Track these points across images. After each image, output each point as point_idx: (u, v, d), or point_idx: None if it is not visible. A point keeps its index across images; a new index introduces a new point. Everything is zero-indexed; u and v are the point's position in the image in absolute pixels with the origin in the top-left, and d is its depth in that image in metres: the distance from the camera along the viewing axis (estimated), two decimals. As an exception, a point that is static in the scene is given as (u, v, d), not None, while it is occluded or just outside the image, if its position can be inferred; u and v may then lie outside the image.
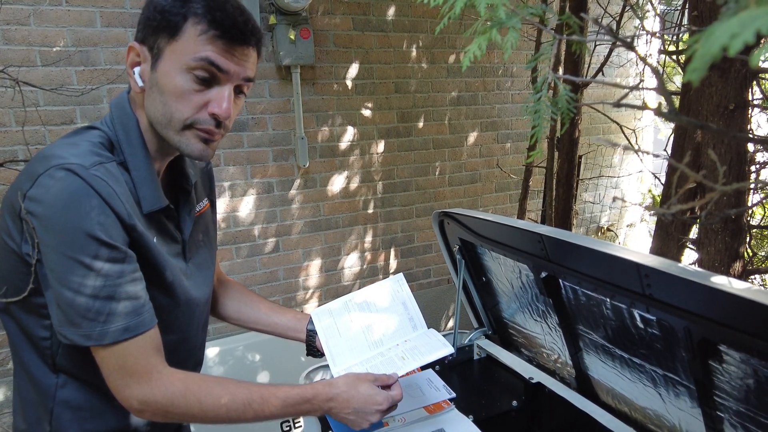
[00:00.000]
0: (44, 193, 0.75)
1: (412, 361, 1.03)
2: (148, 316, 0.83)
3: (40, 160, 0.79)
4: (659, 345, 0.97)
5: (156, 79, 0.82)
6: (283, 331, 1.18)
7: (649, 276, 0.87)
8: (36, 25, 2.17)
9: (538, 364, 1.50)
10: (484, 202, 3.42)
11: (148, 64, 0.83)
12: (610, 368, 1.20)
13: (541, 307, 1.34)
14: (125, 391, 0.81)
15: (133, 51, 0.84)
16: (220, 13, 0.79)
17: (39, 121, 2.21)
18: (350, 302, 1.15)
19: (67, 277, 0.76)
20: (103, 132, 0.86)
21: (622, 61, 3.56)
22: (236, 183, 2.66)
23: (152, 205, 0.87)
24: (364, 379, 0.95)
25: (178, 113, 0.82)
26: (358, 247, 3.04)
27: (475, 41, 0.43)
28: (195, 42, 0.79)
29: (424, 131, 3.11)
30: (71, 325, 0.78)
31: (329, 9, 2.71)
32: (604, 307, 1.08)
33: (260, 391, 0.88)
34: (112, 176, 0.80)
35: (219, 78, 0.82)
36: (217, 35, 0.79)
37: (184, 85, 0.81)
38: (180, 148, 0.85)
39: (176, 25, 0.79)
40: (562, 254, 1.10)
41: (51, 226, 0.75)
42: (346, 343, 1.10)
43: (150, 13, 0.82)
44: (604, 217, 3.90)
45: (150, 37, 0.82)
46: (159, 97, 0.83)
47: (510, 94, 3.35)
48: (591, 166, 3.65)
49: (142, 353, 0.81)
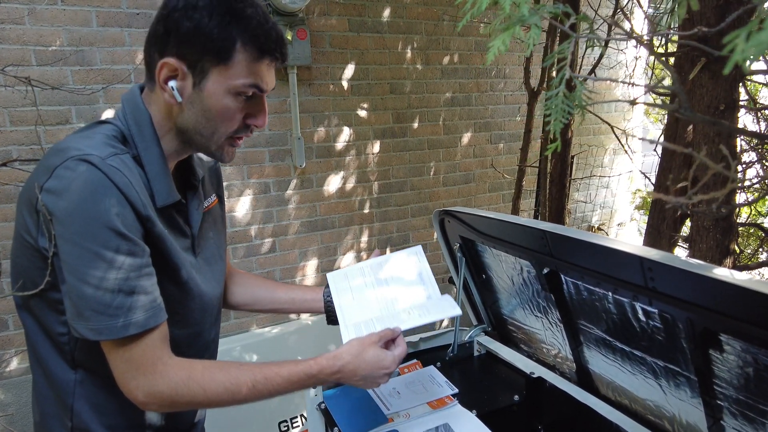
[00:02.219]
0: (61, 184, 0.76)
1: (417, 317, 1.03)
2: (159, 311, 0.83)
3: (55, 153, 0.80)
4: (660, 337, 1.00)
5: (200, 98, 0.85)
6: (302, 304, 1.19)
7: (653, 269, 0.90)
8: (31, 25, 2.16)
9: (538, 359, 1.52)
10: (478, 201, 3.46)
11: (189, 81, 0.84)
12: (611, 362, 1.22)
13: (542, 303, 1.37)
14: (131, 383, 0.82)
15: (168, 66, 0.83)
16: (265, 38, 0.83)
17: (35, 121, 2.19)
18: (366, 267, 1.15)
19: (80, 269, 0.77)
20: (117, 126, 0.87)
21: (612, 63, 3.62)
22: (233, 183, 2.66)
23: (166, 199, 0.88)
24: (369, 343, 0.95)
25: (224, 129, 0.88)
26: (354, 247, 3.05)
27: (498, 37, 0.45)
28: (245, 68, 0.83)
29: (418, 132, 3.14)
30: (81, 318, 0.79)
31: (325, 10, 2.73)
32: (606, 301, 1.11)
33: (263, 371, 0.88)
34: (127, 167, 0.82)
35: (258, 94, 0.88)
36: (265, 61, 0.85)
37: (231, 107, 0.86)
38: (214, 155, 0.91)
39: (226, 50, 0.81)
40: (566, 250, 1.12)
41: (68, 217, 0.76)
42: (358, 303, 1.10)
43: (189, 32, 0.81)
44: (595, 216, 3.96)
45: (191, 55, 0.82)
46: (203, 114, 0.86)
47: (503, 95, 3.39)
48: (582, 166, 3.70)
49: (149, 346, 0.82)
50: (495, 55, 0.46)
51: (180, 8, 0.81)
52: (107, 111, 2.33)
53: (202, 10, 0.80)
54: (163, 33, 0.82)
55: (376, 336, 0.96)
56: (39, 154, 2.19)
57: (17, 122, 2.19)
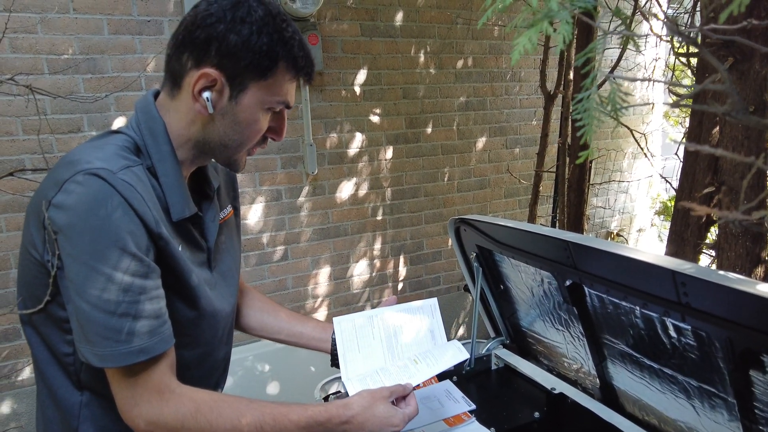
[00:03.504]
0: (70, 199, 0.73)
1: (426, 367, 0.99)
2: (166, 336, 0.79)
3: (65, 165, 0.77)
4: (694, 355, 0.94)
5: (234, 112, 0.84)
6: (308, 341, 1.15)
7: (686, 284, 0.84)
8: (44, 33, 2.16)
9: (558, 373, 1.46)
10: (494, 207, 3.39)
11: (225, 94, 0.82)
12: (638, 378, 1.16)
13: (563, 315, 1.31)
14: (133, 411, 0.78)
15: (207, 77, 0.80)
16: (303, 59, 0.85)
17: (47, 129, 2.19)
18: (375, 317, 1.11)
19: (86, 290, 0.73)
20: (129, 136, 0.84)
21: (630, 65, 3.54)
22: (245, 191, 2.63)
23: (181, 213, 0.85)
24: (380, 397, 0.90)
25: (250, 142, 0.88)
26: (367, 255, 3.01)
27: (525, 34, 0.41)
28: (282, 86, 0.85)
29: (432, 137, 3.09)
30: (87, 342, 0.75)
31: (337, 15, 2.70)
32: (633, 315, 1.05)
33: (272, 412, 0.84)
34: (139, 181, 0.78)
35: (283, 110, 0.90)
36: (299, 82, 0.87)
37: (262, 122, 0.87)
38: (230, 165, 0.91)
39: (269, 67, 0.82)
40: (590, 261, 1.06)
41: (76, 234, 0.73)
42: (363, 353, 1.06)
43: (237, 46, 0.79)
44: (614, 222, 3.86)
45: (233, 69, 0.81)
46: (232, 126, 0.85)
47: (518, 99, 3.32)
48: (600, 171, 3.62)
49: (155, 373, 0.78)
50: (521, 54, 0.41)
51: (228, 20, 0.79)
52: (119, 119, 2.32)
53: (251, 26, 0.79)
54: (203, 42, 0.79)
55: (387, 391, 0.91)
56: (52, 162, 2.18)
57: (29, 131, 2.19)
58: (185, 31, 0.81)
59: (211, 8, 0.79)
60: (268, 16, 0.80)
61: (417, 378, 0.97)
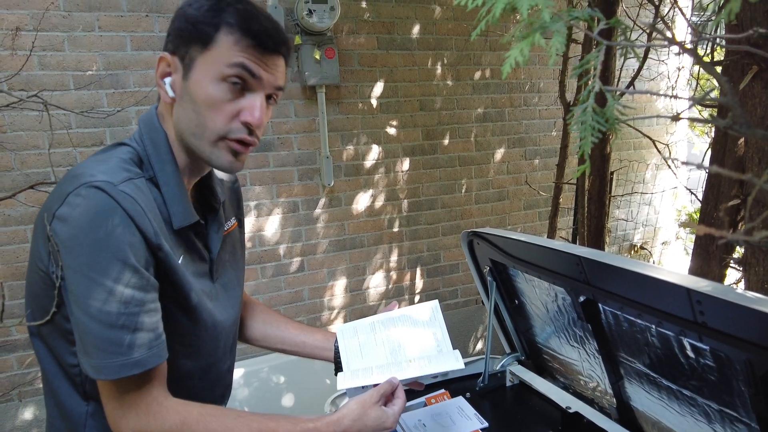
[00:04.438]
0: (71, 211, 0.74)
1: (417, 366, 0.98)
2: (161, 350, 0.79)
3: (70, 179, 0.78)
4: (713, 377, 0.90)
5: (188, 89, 0.82)
6: (311, 350, 1.14)
7: (702, 302, 0.80)
8: (70, 51, 2.23)
9: (574, 392, 1.41)
10: (513, 219, 3.35)
11: (180, 74, 0.82)
12: (656, 399, 1.11)
13: (578, 332, 1.27)
14: (121, 422, 0.78)
15: (164, 61, 0.83)
16: (254, 23, 0.80)
17: (71, 143, 2.26)
18: (378, 323, 1.10)
19: (85, 301, 0.74)
20: (132, 148, 0.85)
21: (653, 74, 3.47)
22: (262, 203, 2.66)
23: (183, 221, 0.85)
24: (370, 404, 0.89)
25: (212, 123, 0.82)
26: (384, 267, 2.99)
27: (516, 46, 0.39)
28: (229, 50, 0.79)
29: (449, 148, 3.07)
30: (85, 353, 0.76)
31: (354, 29, 2.72)
32: (649, 334, 1.01)
33: (260, 427, 0.82)
34: (140, 193, 0.79)
35: (251, 85, 0.82)
36: (250, 44, 0.80)
37: (217, 94, 0.80)
38: (210, 160, 0.85)
39: (209, 34, 0.79)
40: (603, 277, 1.03)
41: (77, 246, 0.74)
42: (365, 359, 1.05)
43: (181, 23, 0.81)
44: (637, 234, 3.76)
45: (181, 47, 0.82)
46: (191, 107, 0.82)
47: (537, 109, 3.29)
48: (623, 183, 3.54)
49: (145, 386, 0.78)
50: (512, 66, 0.40)
51: (178, 8, 0.83)
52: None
53: (194, 4, 0.81)
54: (166, 35, 0.84)
55: (376, 395, 0.90)
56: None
57: (56, 144, 2.25)
58: None
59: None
60: None
61: (405, 374, 0.96)
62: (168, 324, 0.82)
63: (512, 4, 0.38)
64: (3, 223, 2.23)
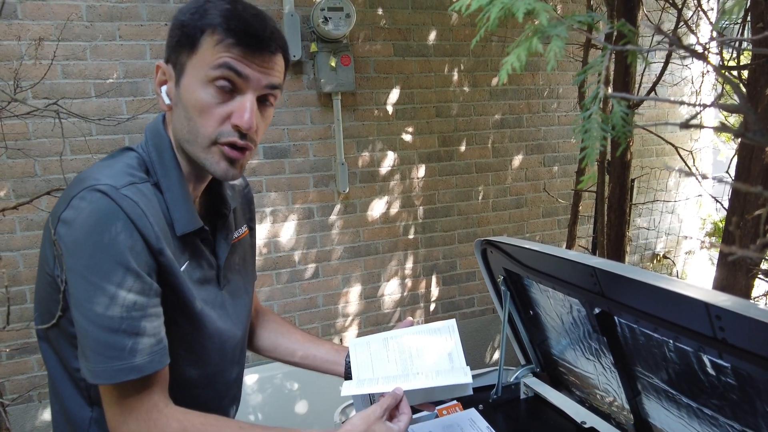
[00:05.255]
0: (74, 214, 0.74)
1: (424, 378, 0.96)
2: (162, 355, 0.79)
3: (75, 183, 0.79)
4: (735, 396, 0.85)
5: (180, 96, 0.82)
6: (321, 364, 1.12)
7: (722, 318, 0.77)
8: (92, 60, 2.28)
9: (590, 406, 1.37)
10: (531, 227, 3.30)
11: (173, 81, 0.83)
12: (675, 417, 1.07)
13: (594, 344, 1.23)
14: (121, 428, 0.78)
15: (160, 70, 0.84)
16: (236, 21, 0.78)
17: (92, 149, 2.30)
18: (391, 339, 1.08)
19: (85, 304, 0.74)
20: (139, 154, 0.85)
21: (676, 79, 3.39)
22: (278, 209, 2.67)
23: (185, 227, 0.84)
24: (373, 419, 0.86)
25: (203, 128, 0.81)
26: (399, 274, 2.97)
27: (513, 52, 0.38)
28: (212, 52, 0.78)
29: (466, 155, 3.04)
30: (84, 357, 0.76)
31: (370, 36, 2.73)
32: (667, 349, 0.97)
33: None
34: (143, 197, 0.79)
35: (240, 86, 0.80)
36: (233, 43, 0.78)
37: (205, 98, 0.79)
38: (205, 165, 0.84)
39: (195, 37, 0.79)
40: (618, 289, 1.00)
41: (78, 249, 0.74)
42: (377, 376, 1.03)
43: (172, 32, 0.83)
44: (660, 243, 3.67)
45: (173, 54, 0.83)
46: (184, 114, 0.82)
47: (556, 116, 3.24)
48: (644, 190, 3.45)
49: (146, 391, 0.78)
50: (509, 72, 0.39)
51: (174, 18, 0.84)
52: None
53: (184, 8, 0.82)
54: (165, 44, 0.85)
55: (380, 410, 0.87)
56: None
57: (77, 151, 2.30)
58: None
59: None
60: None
61: (410, 384, 0.94)
62: (170, 330, 0.82)
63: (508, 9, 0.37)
64: (26, 228, 2.28)
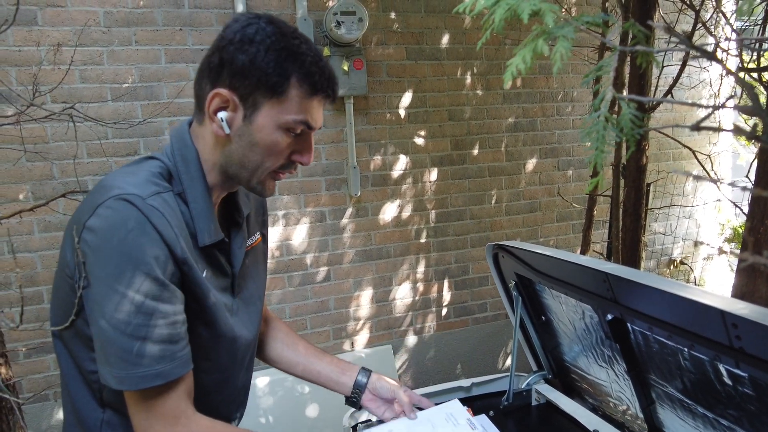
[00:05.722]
0: (100, 223, 0.75)
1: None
2: (184, 361, 0.80)
3: (99, 190, 0.80)
4: (753, 407, 0.83)
5: (249, 132, 0.83)
6: (325, 381, 1.14)
7: (738, 326, 0.74)
8: (109, 64, 2.32)
9: (603, 414, 1.35)
10: (545, 232, 3.26)
11: (239, 114, 0.82)
12: (691, 427, 1.04)
13: (607, 351, 1.21)
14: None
15: (220, 97, 0.82)
16: (319, 76, 0.82)
17: (107, 152, 2.33)
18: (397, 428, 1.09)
19: (109, 312, 0.75)
20: (163, 162, 0.86)
21: (694, 82, 3.33)
22: (290, 212, 2.68)
23: (208, 239, 0.86)
24: None
25: (269, 164, 0.86)
26: (410, 278, 2.96)
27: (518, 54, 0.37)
28: (298, 104, 0.82)
29: (479, 159, 3.02)
30: (107, 363, 0.77)
31: (383, 40, 2.73)
32: (681, 357, 0.95)
33: None
34: (168, 207, 0.80)
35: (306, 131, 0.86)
36: (316, 99, 0.84)
37: (280, 142, 0.84)
38: (255, 190, 0.89)
39: (280, 84, 0.80)
40: (631, 296, 0.98)
41: (103, 257, 0.75)
42: None
43: (244, 65, 0.80)
44: (677, 249, 3.60)
45: (244, 88, 0.81)
46: (249, 147, 0.84)
47: (570, 119, 3.21)
48: (661, 195, 3.40)
49: (173, 398, 0.78)
50: (514, 75, 0.38)
51: (236, 41, 0.80)
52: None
53: (258, 45, 0.79)
54: (217, 64, 0.81)
55: None
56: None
57: (93, 154, 2.34)
58: (205, 57, 0.84)
59: (226, 32, 0.82)
60: (277, 34, 0.80)
61: None
62: (190, 338, 0.82)
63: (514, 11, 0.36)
64: (44, 229, 2.32)
